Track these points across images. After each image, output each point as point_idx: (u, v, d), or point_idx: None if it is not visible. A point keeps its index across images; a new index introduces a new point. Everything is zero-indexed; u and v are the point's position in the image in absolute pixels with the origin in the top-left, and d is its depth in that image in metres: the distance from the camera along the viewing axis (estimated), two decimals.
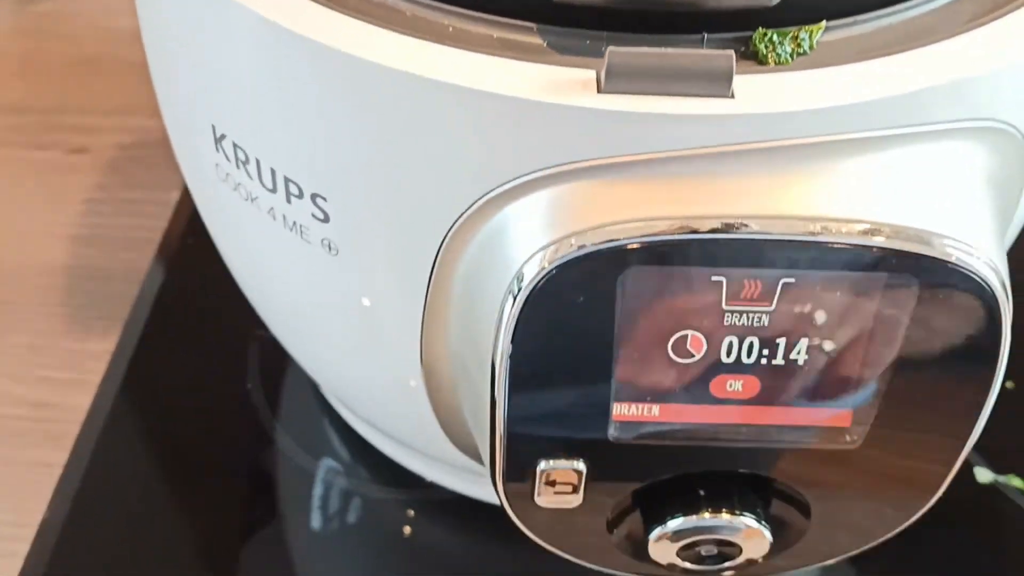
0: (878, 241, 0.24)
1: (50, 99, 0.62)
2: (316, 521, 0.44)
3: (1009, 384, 0.47)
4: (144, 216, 0.55)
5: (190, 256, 0.53)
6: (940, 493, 0.29)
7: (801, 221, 0.24)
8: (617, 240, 0.24)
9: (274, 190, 0.29)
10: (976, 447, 0.44)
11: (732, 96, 0.23)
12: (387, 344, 0.31)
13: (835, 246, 0.24)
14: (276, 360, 0.48)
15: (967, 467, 0.44)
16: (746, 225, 0.24)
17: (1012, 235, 0.33)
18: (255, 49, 0.26)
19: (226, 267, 0.40)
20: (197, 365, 0.48)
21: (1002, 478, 0.44)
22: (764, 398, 0.27)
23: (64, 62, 0.65)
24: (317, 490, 0.44)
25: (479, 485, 0.42)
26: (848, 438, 0.27)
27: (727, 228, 0.24)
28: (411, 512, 0.43)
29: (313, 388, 0.47)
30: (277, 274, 0.32)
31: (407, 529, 0.43)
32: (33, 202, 0.56)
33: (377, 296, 0.29)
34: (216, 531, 0.43)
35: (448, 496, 0.43)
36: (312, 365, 0.38)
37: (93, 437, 0.45)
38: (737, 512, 0.29)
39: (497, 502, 0.30)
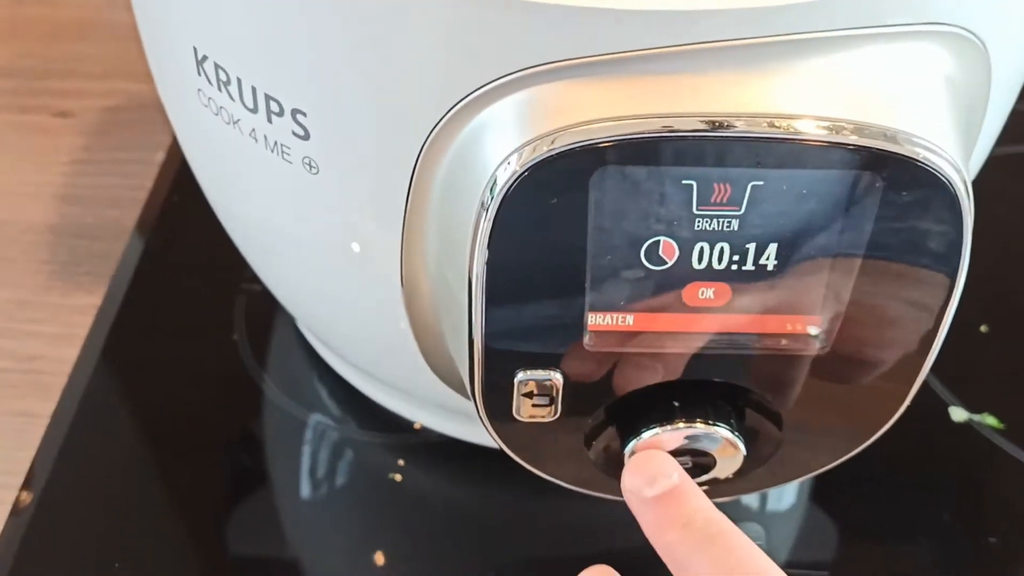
0: (842, 138, 0.24)
1: (35, 63, 0.63)
2: (306, 471, 0.44)
3: (983, 328, 0.48)
4: (129, 176, 0.56)
5: (175, 214, 0.53)
6: (906, 404, 0.30)
7: (769, 118, 0.24)
8: (587, 140, 0.24)
9: (255, 110, 0.29)
10: (951, 387, 0.46)
11: None
12: (368, 265, 0.31)
13: (801, 143, 0.24)
14: (263, 313, 0.49)
15: (942, 407, 0.45)
16: (717, 123, 0.24)
17: (985, 147, 0.33)
18: None
19: (210, 224, 0.40)
20: (183, 319, 0.49)
21: (976, 417, 0.44)
22: (736, 305, 0.27)
23: (48, 26, 0.65)
24: (307, 440, 0.45)
25: (467, 426, 0.42)
26: (818, 344, 0.28)
27: (697, 126, 0.24)
28: (401, 461, 0.44)
29: (300, 339, 0.48)
30: (260, 200, 0.33)
31: (398, 476, 0.43)
32: (19, 163, 0.56)
33: (358, 214, 0.30)
34: (204, 482, 0.43)
35: (437, 439, 0.44)
36: (293, 298, 0.39)
37: (80, 388, 0.45)
38: (711, 422, 0.29)
39: (487, 444, 0.30)
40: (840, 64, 0.25)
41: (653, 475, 0.28)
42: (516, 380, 0.29)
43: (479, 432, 0.32)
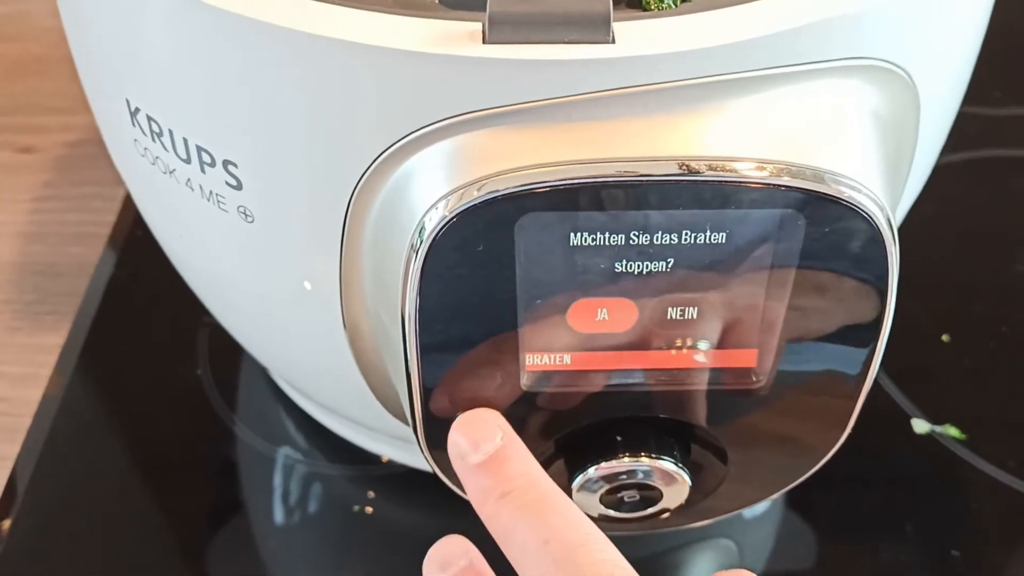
0: (765, 178, 0.24)
1: None
2: (276, 507, 0.44)
3: (945, 337, 0.48)
4: (92, 211, 0.56)
5: (138, 249, 0.53)
6: (848, 431, 0.30)
7: (689, 161, 0.24)
8: (514, 186, 0.25)
9: (188, 160, 0.29)
10: (913, 398, 0.46)
11: (613, 41, 0.24)
12: (311, 310, 0.31)
13: (723, 184, 0.25)
14: (228, 347, 0.49)
15: (904, 418, 0.45)
16: (636, 168, 0.25)
17: (920, 177, 0.33)
18: (154, 18, 0.27)
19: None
20: (148, 356, 0.49)
21: (939, 428, 0.45)
22: (670, 343, 0.27)
23: (10, 63, 0.65)
24: (275, 475, 0.45)
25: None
26: (754, 378, 0.28)
27: (619, 171, 0.24)
28: (371, 492, 0.44)
29: (265, 373, 0.48)
30: (202, 246, 0.33)
31: (368, 509, 0.43)
32: None
33: (295, 260, 0.30)
34: (174, 522, 0.43)
35: (404, 470, 0.44)
36: (247, 339, 0.39)
37: (44, 430, 0.45)
38: (655, 456, 0.29)
39: None
40: (762, 104, 0.25)
41: (476, 439, 0.27)
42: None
43: None
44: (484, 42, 0.24)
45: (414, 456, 0.43)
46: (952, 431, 0.45)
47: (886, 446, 0.45)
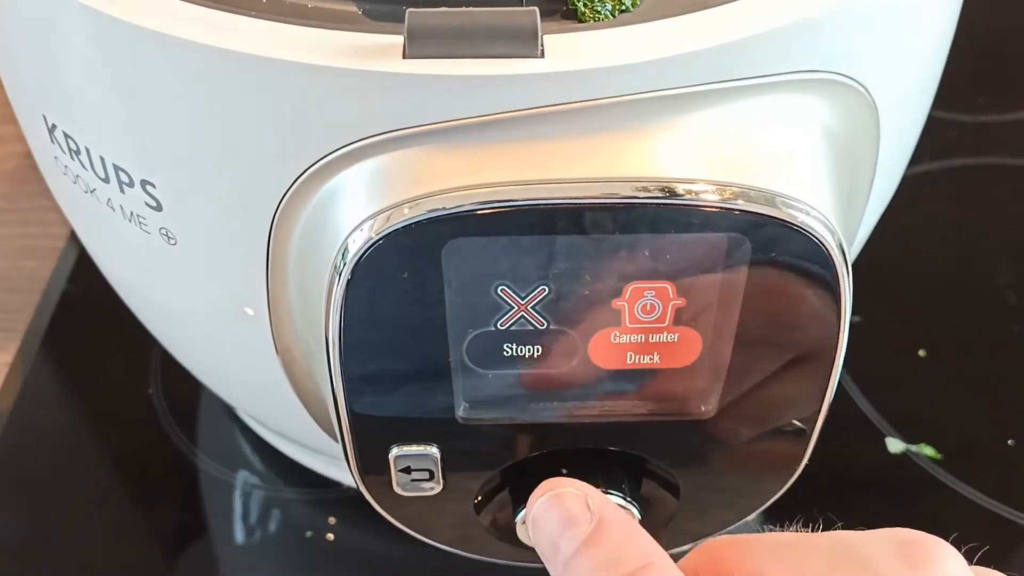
0: (706, 200, 0.23)
1: None
2: (236, 533, 0.42)
3: (921, 352, 0.47)
4: (48, 224, 0.54)
5: (90, 266, 0.52)
6: (804, 462, 0.28)
7: (626, 182, 0.23)
8: (442, 208, 0.23)
9: (107, 179, 0.28)
10: (888, 417, 0.44)
11: (542, 55, 0.22)
12: (242, 332, 0.30)
13: (664, 206, 0.23)
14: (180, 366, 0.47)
15: (879, 437, 0.43)
16: (570, 191, 0.23)
17: (886, 191, 0.32)
18: (66, 32, 0.25)
19: None
20: (98, 373, 0.47)
21: (913, 447, 0.43)
22: (609, 370, 0.26)
23: None
24: (234, 501, 0.43)
25: None
26: (701, 407, 0.27)
27: (548, 194, 0.23)
28: (332, 518, 0.42)
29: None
30: (129, 266, 0.31)
31: (329, 535, 0.42)
32: None
33: (221, 283, 0.28)
34: (129, 546, 0.42)
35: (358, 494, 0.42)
36: (186, 358, 0.37)
37: None
38: (602, 490, 0.28)
39: None
40: (706, 121, 0.23)
41: (565, 523, 0.23)
42: (391, 455, 0.27)
43: None
44: (404, 56, 0.22)
45: None
46: (927, 450, 0.43)
47: (861, 465, 0.43)
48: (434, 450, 0.27)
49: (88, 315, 0.49)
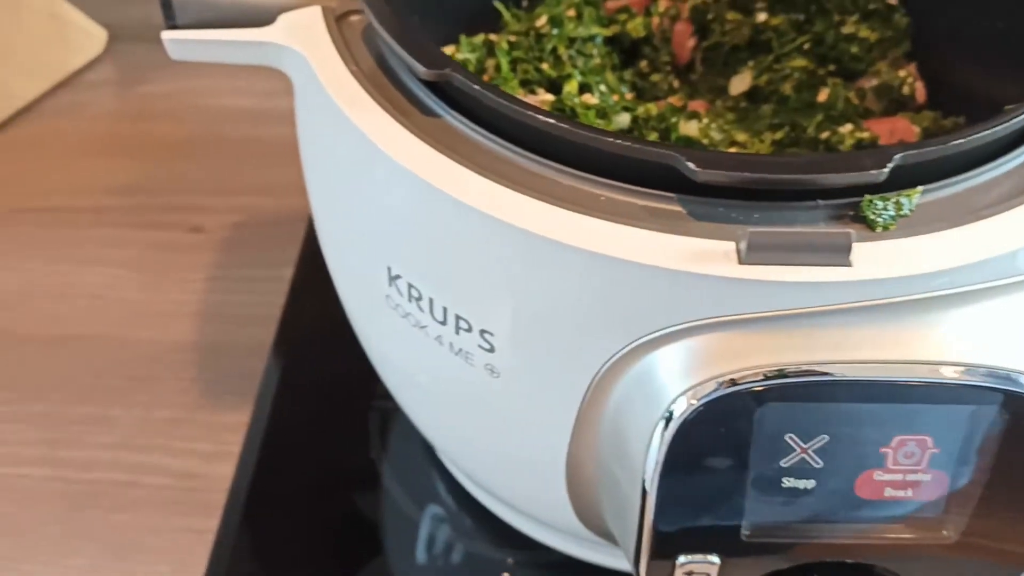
0: (974, 380, 0.28)
1: (160, 180, 0.67)
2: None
3: None
4: (261, 293, 0.60)
5: (307, 332, 0.58)
6: None
7: (910, 364, 0.28)
8: (753, 383, 0.29)
9: (444, 323, 0.33)
10: None
11: (850, 264, 0.28)
12: (534, 449, 0.36)
13: (938, 386, 0.28)
14: (391, 423, 0.53)
15: None
16: (859, 370, 0.28)
17: None
18: (431, 216, 0.31)
19: (342, 342, 0.44)
20: (323, 435, 0.53)
21: None
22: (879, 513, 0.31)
23: (169, 143, 0.70)
24: (421, 541, 0.49)
25: (586, 548, 0.46)
26: (943, 532, 0.32)
27: (843, 373, 0.28)
28: None
29: (424, 446, 0.52)
30: (435, 388, 0.37)
31: None
32: (160, 282, 0.61)
33: (532, 412, 0.34)
34: None
35: (556, 558, 0.47)
36: (457, 458, 0.43)
37: (240, 503, 0.50)
38: None
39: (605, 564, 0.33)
40: (973, 312, 0.29)
41: None
42: (678, 562, 0.33)
43: (598, 553, 0.36)
44: (740, 263, 0.28)
45: (567, 543, 0.47)
46: None
47: None
48: (715, 559, 0.33)
49: (309, 381, 0.55)
